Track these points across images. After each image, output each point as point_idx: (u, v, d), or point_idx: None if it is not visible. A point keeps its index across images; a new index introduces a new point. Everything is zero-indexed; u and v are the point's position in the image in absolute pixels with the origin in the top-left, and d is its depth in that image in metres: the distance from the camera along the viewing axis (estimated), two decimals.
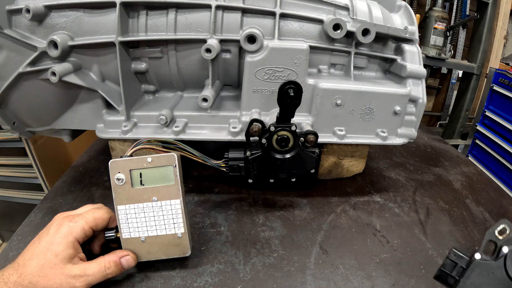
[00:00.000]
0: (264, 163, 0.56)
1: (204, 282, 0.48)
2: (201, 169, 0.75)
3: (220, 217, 0.61)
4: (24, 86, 0.59)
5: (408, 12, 0.68)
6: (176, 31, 0.58)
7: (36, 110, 0.63)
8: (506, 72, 1.55)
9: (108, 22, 0.56)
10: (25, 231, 0.56)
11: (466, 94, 2.16)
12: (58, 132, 0.72)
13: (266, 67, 0.57)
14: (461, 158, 0.91)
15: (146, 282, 0.47)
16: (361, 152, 0.71)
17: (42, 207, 0.62)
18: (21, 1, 0.55)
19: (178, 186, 0.46)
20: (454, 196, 0.72)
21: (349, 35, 0.60)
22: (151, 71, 0.63)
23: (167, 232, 0.47)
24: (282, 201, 0.66)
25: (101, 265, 0.43)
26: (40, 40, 0.56)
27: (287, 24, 0.59)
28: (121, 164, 0.46)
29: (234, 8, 0.57)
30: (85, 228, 0.44)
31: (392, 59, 0.66)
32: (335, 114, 0.60)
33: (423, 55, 1.23)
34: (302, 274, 0.50)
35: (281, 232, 0.58)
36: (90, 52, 0.59)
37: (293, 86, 0.48)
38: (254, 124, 0.53)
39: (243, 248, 0.54)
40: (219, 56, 0.59)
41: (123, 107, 0.61)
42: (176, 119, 0.62)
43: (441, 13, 1.93)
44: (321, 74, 0.64)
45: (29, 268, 0.40)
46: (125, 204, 0.46)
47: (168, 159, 0.46)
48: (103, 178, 0.71)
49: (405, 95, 0.61)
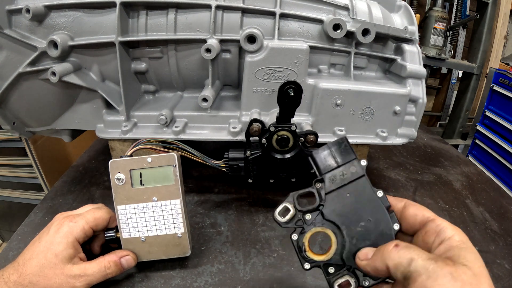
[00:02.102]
0: (264, 163, 0.56)
1: (204, 282, 0.48)
2: (201, 169, 0.75)
3: (220, 217, 0.61)
4: (24, 86, 0.59)
5: (408, 12, 0.68)
6: (176, 31, 0.58)
7: (36, 110, 0.63)
8: (506, 72, 1.55)
9: (108, 22, 0.56)
10: (25, 231, 0.56)
11: (466, 94, 2.16)
12: (58, 132, 0.72)
13: (266, 67, 0.57)
14: (461, 158, 0.91)
15: (146, 282, 0.48)
16: (361, 152, 0.71)
17: (42, 207, 0.62)
18: (21, 1, 0.55)
19: (178, 186, 0.46)
20: (454, 196, 0.72)
21: (349, 35, 0.60)
22: (151, 71, 0.63)
23: (167, 232, 0.47)
24: (282, 201, 0.66)
25: (101, 265, 0.43)
26: (40, 40, 0.56)
27: (287, 24, 0.59)
28: (121, 164, 0.46)
29: (234, 8, 0.57)
30: (85, 228, 0.44)
31: (392, 59, 0.66)
32: (335, 114, 0.60)
33: (423, 55, 1.23)
34: (302, 274, 0.50)
35: (281, 232, 0.58)
36: (90, 52, 0.59)
37: (293, 86, 0.48)
38: (254, 124, 0.53)
39: (243, 248, 0.54)
40: (219, 56, 0.59)
41: (123, 107, 0.61)
42: (176, 119, 0.62)
43: (441, 13, 1.93)
44: (321, 74, 0.64)
45: (29, 268, 0.40)
46: (125, 204, 0.46)
47: (168, 159, 0.46)
48: (103, 178, 0.71)
49: (405, 95, 0.61)
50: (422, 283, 0.25)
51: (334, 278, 0.35)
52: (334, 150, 0.36)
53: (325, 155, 0.36)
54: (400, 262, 0.27)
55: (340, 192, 0.35)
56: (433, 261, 0.26)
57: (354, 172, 0.35)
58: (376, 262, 0.30)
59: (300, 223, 0.36)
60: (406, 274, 0.27)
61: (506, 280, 0.52)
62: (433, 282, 0.25)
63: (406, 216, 0.34)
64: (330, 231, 0.35)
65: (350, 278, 0.34)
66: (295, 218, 0.36)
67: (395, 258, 0.28)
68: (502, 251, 0.57)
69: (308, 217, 0.36)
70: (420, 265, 0.26)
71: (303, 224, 0.36)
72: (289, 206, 0.36)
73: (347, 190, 0.35)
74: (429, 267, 0.26)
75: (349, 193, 0.35)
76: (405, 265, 0.27)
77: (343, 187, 0.35)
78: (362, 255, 0.33)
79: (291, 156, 0.56)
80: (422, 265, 0.26)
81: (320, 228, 0.36)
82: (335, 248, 0.35)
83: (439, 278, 0.25)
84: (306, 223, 0.36)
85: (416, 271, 0.26)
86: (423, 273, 0.25)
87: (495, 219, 0.66)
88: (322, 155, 0.36)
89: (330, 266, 0.35)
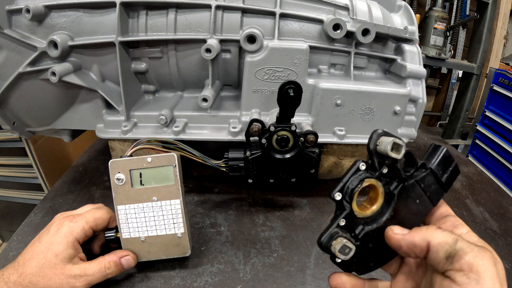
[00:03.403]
0: (264, 163, 0.56)
1: (204, 282, 0.48)
2: (201, 169, 0.75)
3: (220, 217, 0.61)
4: (24, 86, 0.59)
5: (408, 12, 0.68)
6: (176, 31, 0.58)
7: (36, 110, 0.63)
8: (506, 72, 1.55)
9: (108, 22, 0.56)
10: (25, 231, 0.56)
11: (466, 94, 2.16)
12: (58, 132, 0.72)
13: (266, 67, 0.57)
14: (461, 158, 0.91)
15: (146, 282, 0.48)
16: (361, 152, 0.71)
17: (42, 207, 0.62)
18: (21, 1, 0.55)
19: (178, 186, 0.46)
20: (454, 196, 0.72)
21: (349, 35, 0.60)
22: (151, 71, 0.63)
23: (167, 232, 0.47)
24: (282, 201, 0.66)
25: (101, 265, 0.43)
26: (40, 40, 0.56)
27: (287, 24, 0.59)
28: (121, 164, 0.46)
29: (234, 8, 0.57)
30: (85, 228, 0.44)
31: (392, 59, 0.66)
32: (335, 114, 0.60)
33: (423, 55, 1.23)
34: (302, 274, 0.50)
35: (281, 232, 0.58)
36: (90, 52, 0.59)
37: (293, 86, 0.48)
38: (254, 124, 0.53)
39: (243, 248, 0.54)
40: (219, 56, 0.59)
41: (123, 107, 0.61)
42: (176, 119, 0.62)
43: (441, 13, 1.93)
44: (321, 74, 0.64)
45: (29, 268, 0.40)
46: (125, 204, 0.46)
47: (168, 159, 0.46)
48: (103, 178, 0.71)
49: (405, 95, 0.61)
50: (469, 261, 0.26)
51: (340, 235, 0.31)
52: (451, 170, 0.35)
53: (448, 163, 0.35)
54: (446, 240, 0.28)
55: (417, 190, 0.34)
56: (474, 244, 0.28)
57: (434, 190, 0.35)
58: (416, 237, 0.30)
59: (379, 166, 0.32)
60: (451, 252, 0.27)
61: (506, 280, 0.52)
62: (479, 261, 0.26)
63: None
64: (382, 197, 0.33)
65: (353, 249, 0.31)
66: (387, 161, 0.32)
67: (441, 237, 0.29)
68: (502, 251, 0.57)
69: (385, 171, 0.33)
70: (466, 245, 0.27)
71: (379, 169, 0.32)
72: (399, 142, 0.31)
73: (419, 196, 0.34)
74: (474, 248, 0.27)
75: (418, 200, 0.34)
76: (451, 243, 0.28)
77: (422, 192, 0.34)
78: (397, 229, 0.32)
79: (291, 156, 0.56)
80: (468, 245, 0.27)
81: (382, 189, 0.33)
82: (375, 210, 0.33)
83: (485, 258, 0.26)
84: (382, 173, 0.32)
85: (462, 249, 0.27)
86: (470, 251, 0.27)
87: (495, 219, 0.66)
88: (448, 160, 0.35)
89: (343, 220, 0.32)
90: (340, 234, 0.32)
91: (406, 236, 0.31)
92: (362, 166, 0.32)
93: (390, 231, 0.32)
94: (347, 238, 0.32)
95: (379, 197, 0.33)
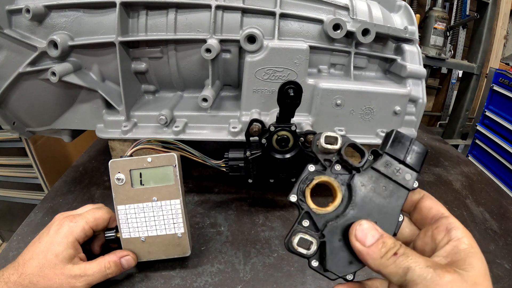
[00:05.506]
0: (264, 163, 0.56)
1: (204, 282, 0.48)
2: (201, 169, 0.75)
3: (220, 217, 0.61)
4: (24, 86, 0.59)
5: (408, 12, 0.68)
6: (176, 31, 0.58)
7: (36, 110, 0.63)
8: (506, 72, 1.55)
9: (108, 22, 0.56)
10: (25, 231, 0.56)
11: (466, 94, 2.16)
12: (58, 132, 0.72)
13: (266, 67, 0.57)
14: (461, 158, 0.91)
15: (146, 282, 0.48)
16: None
17: (42, 207, 0.62)
18: (21, 1, 0.55)
19: (178, 186, 0.46)
20: (454, 196, 0.72)
21: (349, 35, 0.60)
22: (151, 71, 0.63)
23: (167, 232, 0.47)
24: (282, 201, 0.66)
25: (101, 265, 0.43)
26: (40, 40, 0.56)
27: (287, 24, 0.59)
28: (121, 164, 0.46)
29: (234, 8, 0.57)
30: (86, 228, 0.44)
31: (392, 59, 0.66)
32: (335, 114, 0.60)
33: (423, 55, 1.23)
34: (302, 274, 0.50)
35: (281, 232, 0.58)
36: (90, 52, 0.59)
37: (293, 86, 0.48)
38: (254, 124, 0.53)
39: (243, 248, 0.54)
40: (219, 56, 0.59)
41: (123, 107, 0.61)
42: (176, 119, 0.62)
43: (441, 13, 1.93)
44: (321, 74, 0.64)
45: (30, 268, 0.40)
46: (125, 204, 0.46)
47: (168, 159, 0.46)
48: (103, 178, 0.71)
49: (405, 95, 0.61)
50: None
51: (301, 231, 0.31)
52: (412, 149, 0.33)
53: (404, 142, 0.33)
54: (396, 271, 0.26)
55: (381, 179, 0.32)
56: (431, 269, 0.25)
57: (404, 179, 0.33)
58: (370, 261, 0.28)
59: (328, 164, 0.33)
60: (402, 283, 0.26)
61: (506, 280, 0.52)
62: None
63: (421, 207, 0.33)
64: (340, 192, 0.32)
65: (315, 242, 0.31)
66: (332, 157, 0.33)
67: (392, 268, 0.26)
68: (502, 251, 0.57)
69: (338, 168, 0.33)
70: (417, 274, 0.25)
71: (328, 166, 0.33)
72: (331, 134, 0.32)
73: (386, 184, 0.32)
74: (427, 276, 0.25)
75: (384, 187, 0.32)
76: (401, 274, 0.26)
77: (387, 179, 0.32)
78: (360, 233, 0.29)
79: (291, 156, 0.56)
80: (419, 274, 0.25)
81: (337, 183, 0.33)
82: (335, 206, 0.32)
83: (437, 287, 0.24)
84: (331, 169, 0.33)
85: (412, 281, 0.25)
86: (420, 282, 0.25)
87: (495, 219, 0.66)
88: (402, 140, 0.33)
89: (306, 220, 0.32)
90: (299, 230, 0.31)
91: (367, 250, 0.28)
92: (311, 168, 0.33)
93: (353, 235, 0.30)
94: (309, 234, 0.31)
95: (338, 192, 0.33)
